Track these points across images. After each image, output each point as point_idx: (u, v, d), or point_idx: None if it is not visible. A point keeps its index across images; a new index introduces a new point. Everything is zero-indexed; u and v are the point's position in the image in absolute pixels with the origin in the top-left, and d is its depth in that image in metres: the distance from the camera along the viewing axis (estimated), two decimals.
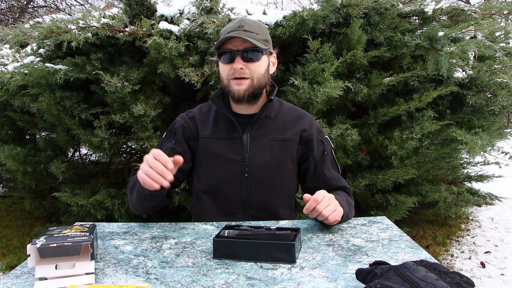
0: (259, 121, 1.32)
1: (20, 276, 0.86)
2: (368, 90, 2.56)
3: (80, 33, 2.45)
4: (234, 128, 1.32)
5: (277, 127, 1.33)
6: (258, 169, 1.30)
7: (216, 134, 1.32)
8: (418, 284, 0.65)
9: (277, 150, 1.32)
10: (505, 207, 4.19)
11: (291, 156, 1.33)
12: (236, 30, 1.23)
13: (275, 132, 1.33)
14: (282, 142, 1.32)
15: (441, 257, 3.03)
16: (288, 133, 1.33)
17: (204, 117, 1.37)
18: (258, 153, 1.30)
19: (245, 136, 1.31)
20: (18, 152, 2.88)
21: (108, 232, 1.15)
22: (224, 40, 1.23)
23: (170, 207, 2.83)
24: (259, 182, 1.30)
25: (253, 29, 1.24)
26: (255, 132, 1.32)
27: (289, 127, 1.34)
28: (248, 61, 1.24)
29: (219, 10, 2.59)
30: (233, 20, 1.29)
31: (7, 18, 10.02)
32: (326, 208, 1.07)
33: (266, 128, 1.33)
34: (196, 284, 0.81)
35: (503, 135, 3.10)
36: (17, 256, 3.09)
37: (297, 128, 1.35)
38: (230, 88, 1.26)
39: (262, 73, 1.28)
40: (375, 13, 2.64)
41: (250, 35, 1.22)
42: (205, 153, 1.32)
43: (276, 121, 1.34)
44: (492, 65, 2.67)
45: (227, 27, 1.27)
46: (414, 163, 2.80)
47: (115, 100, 2.57)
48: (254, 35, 1.23)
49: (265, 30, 1.31)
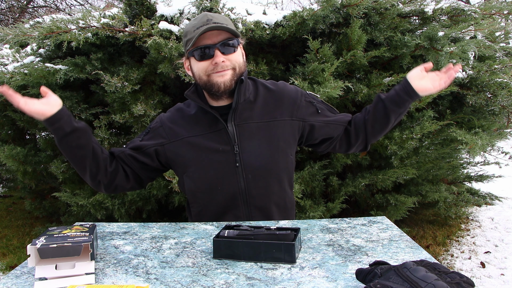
0: (240, 107, 1.26)
1: (20, 276, 0.86)
2: (368, 90, 2.56)
3: (80, 33, 2.45)
4: (216, 120, 1.26)
5: (260, 108, 1.29)
6: (250, 156, 1.25)
7: (200, 130, 1.28)
8: (418, 284, 0.65)
9: (266, 132, 1.27)
10: (505, 207, 4.19)
11: (283, 136, 1.29)
12: (205, 25, 1.16)
13: (259, 114, 1.28)
14: (270, 123, 1.28)
15: (441, 257, 3.03)
16: (275, 113, 1.29)
17: (183, 115, 1.33)
18: (247, 139, 1.26)
19: (230, 125, 1.26)
20: (18, 152, 2.88)
21: (108, 232, 1.15)
22: (198, 35, 1.16)
23: (170, 207, 2.83)
24: (254, 168, 1.26)
25: (220, 21, 1.19)
26: (238, 119, 1.26)
27: (273, 106, 1.30)
28: (227, 53, 1.19)
29: (219, 10, 2.59)
30: (196, 17, 1.23)
31: (7, 18, 10.02)
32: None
33: (249, 113, 1.28)
34: (196, 284, 0.81)
35: (503, 135, 3.10)
36: (17, 256, 3.09)
37: (284, 106, 1.30)
38: (213, 81, 1.20)
39: (242, 62, 1.25)
40: (375, 13, 2.64)
41: (221, 26, 1.17)
42: (192, 152, 1.27)
43: (258, 103, 1.30)
44: (492, 65, 2.67)
45: (193, 24, 1.20)
46: (414, 163, 2.80)
47: (115, 100, 2.57)
48: (224, 26, 1.18)
49: (231, 22, 1.26)
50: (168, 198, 2.76)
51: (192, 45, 1.19)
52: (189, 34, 1.21)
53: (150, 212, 2.92)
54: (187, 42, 1.21)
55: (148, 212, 2.89)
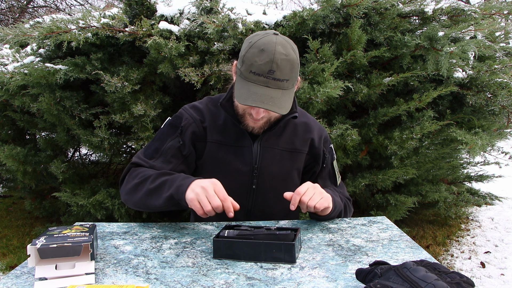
0: (270, 131, 1.25)
1: (20, 276, 0.86)
2: (368, 90, 2.56)
3: (80, 33, 2.44)
4: (243, 136, 1.24)
5: (287, 136, 1.28)
6: (266, 180, 1.25)
7: (225, 141, 1.24)
8: (418, 284, 0.65)
9: (286, 161, 1.28)
10: (505, 207, 4.19)
11: (298, 167, 1.31)
12: (264, 77, 1.06)
13: (285, 141, 1.28)
14: (292, 153, 1.28)
15: (441, 257, 3.03)
16: (297, 142, 1.29)
17: (212, 117, 1.26)
18: (268, 163, 1.25)
19: (256, 145, 1.24)
20: (18, 152, 2.88)
21: (108, 232, 1.15)
22: (249, 104, 1.07)
23: None
24: (266, 193, 1.26)
25: (284, 75, 1.07)
26: (265, 142, 1.25)
27: (298, 136, 1.29)
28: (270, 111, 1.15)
29: (219, 10, 2.59)
30: (263, 50, 1.06)
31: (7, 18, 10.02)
32: (312, 198, 1.06)
33: (276, 139, 1.26)
34: (196, 284, 0.81)
35: (503, 135, 3.10)
36: (17, 256, 3.09)
37: (306, 137, 1.30)
38: (245, 121, 1.20)
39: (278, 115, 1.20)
40: (375, 13, 2.64)
41: (280, 85, 1.07)
42: (212, 160, 1.25)
43: (286, 130, 1.28)
44: (492, 65, 2.67)
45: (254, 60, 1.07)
46: (414, 163, 2.80)
47: (115, 100, 2.57)
48: (284, 84, 1.08)
49: (297, 67, 1.12)
50: None
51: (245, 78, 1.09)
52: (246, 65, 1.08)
53: (150, 212, 2.92)
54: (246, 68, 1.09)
55: (148, 212, 2.89)
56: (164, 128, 1.28)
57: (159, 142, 1.25)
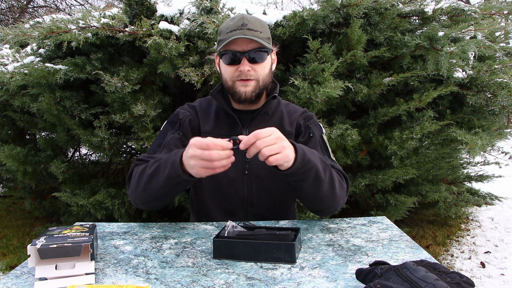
0: (258, 117, 1.31)
1: (20, 276, 0.86)
2: (368, 90, 2.55)
3: (80, 33, 2.44)
4: (235, 125, 1.30)
5: (275, 122, 1.33)
6: (258, 165, 1.27)
7: (218, 130, 1.30)
8: (418, 284, 0.65)
9: None
10: (505, 207, 4.19)
11: None
12: (239, 29, 1.19)
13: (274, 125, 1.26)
14: None
15: (441, 257, 3.03)
16: (286, 127, 1.32)
17: (205, 111, 1.34)
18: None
19: (245, 133, 1.29)
20: (18, 152, 2.88)
21: (108, 232, 1.15)
22: (229, 40, 1.18)
23: (170, 207, 2.83)
24: (260, 179, 1.28)
25: (256, 27, 1.21)
26: (254, 128, 1.27)
27: (286, 121, 1.33)
28: (254, 63, 1.22)
29: (219, 10, 2.59)
30: (233, 17, 1.24)
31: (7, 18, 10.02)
32: (269, 147, 0.92)
33: (265, 124, 1.26)
34: (196, 284, 0.81)
35: (503, 135, 3.10)
36: (17, 256, 3.09)
37: (292, 118, 1.34)
38: (236, 89, 1.24)
39: (267, 73, 1.27)
40: (375, 13, 2.64)
41: (255, 34, 1.19)
42: None
43: (274, 117, 1.34)
44: (492, 65, 2.67)
45: (228, 25, 1.22)
46: (414, 163, 2.80)
47: (115, 100, 2.57)
48: (258, 34, 1.20)
49: (267, 27, 1.27)
50: None
51: (223, 47, 1.21)
52: (222, 35, 1.22)
53: (150, 212, 2.92)
54: (219, 42, 1.23)
55: (148, 212, 2.89)
56: (163, 127, 1.34)
57: (160, 138, 1.30)
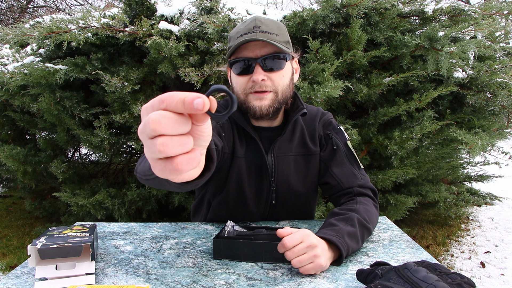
0: (281, 139, 1.14)
1: (20, 276, 0.86)
2: (368, 90, 2.55)
3: (80, 33, 2.44)
4: (257, 148, 1.12)
5: (298, 140, 1.16)
6: (284, 192, 1.17)
7: (244, 153, 1.13)
8: (419, 285, 0.65)
9: (302, 166, 1.17)
10: (505, 207, 4.19)
11: (314, 169, 1.19)
12: (250, 32, 0.98)
13: (297, 145, 1.16)
14: (306, 157, 1.17)
15: (441, 257, 3.03)
16: (309, 145, 1.17)
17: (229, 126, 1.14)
18: (284, 174, 1.15)
19: (269, 157, 1.13)
20: (18, 152, 2.88)
21: (108, 232, 1.15)
22: (238, 45, 0.99)
23: (170, 207, 2.83)
24: (284, 202, 1.19)
25: (271, 29, 1.00)
26: (278, 150, 1.13)
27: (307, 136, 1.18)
28: (269, 71, 1.01)
29: (219, 10, 2.59)
30: (245, 20, 1.06)
31: (7, 18, 10.02)
32: (298, 258, 0.82)
33: (288, 144, 1.15)
34: (197, 284, 0.81)
35: (503, 135, 3.10)
36: (17, 256, 3.08)
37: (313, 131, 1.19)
38: (249, 104, 1.04)
39: (286, 84, 1.05)
40: (375, 13, 2.64)
41: (269, 36, 0.98)
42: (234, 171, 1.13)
43: (296, 133, 1.17)
44: (492, 65, 2.67)
45: (238, 29, 1.02)
46: (414, 163, 2.80)
47: (115, 100, 2.57)
48: (274, 37, 0.99)
49: (285, 29, 1.05)
50: (168, 198, 2.76)
51: (232, 54, 1.03)
52: (232, 41, 1.04)
53: (150, 212, 2.92)
54: (229, 49, 1.04)
55: (148, 212, 2.89)
56: None
57: None
